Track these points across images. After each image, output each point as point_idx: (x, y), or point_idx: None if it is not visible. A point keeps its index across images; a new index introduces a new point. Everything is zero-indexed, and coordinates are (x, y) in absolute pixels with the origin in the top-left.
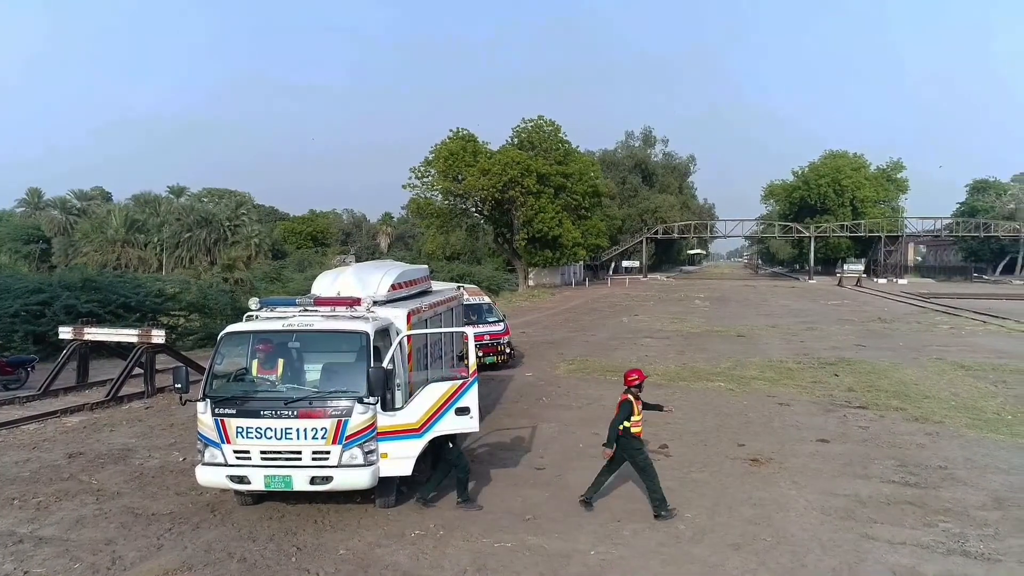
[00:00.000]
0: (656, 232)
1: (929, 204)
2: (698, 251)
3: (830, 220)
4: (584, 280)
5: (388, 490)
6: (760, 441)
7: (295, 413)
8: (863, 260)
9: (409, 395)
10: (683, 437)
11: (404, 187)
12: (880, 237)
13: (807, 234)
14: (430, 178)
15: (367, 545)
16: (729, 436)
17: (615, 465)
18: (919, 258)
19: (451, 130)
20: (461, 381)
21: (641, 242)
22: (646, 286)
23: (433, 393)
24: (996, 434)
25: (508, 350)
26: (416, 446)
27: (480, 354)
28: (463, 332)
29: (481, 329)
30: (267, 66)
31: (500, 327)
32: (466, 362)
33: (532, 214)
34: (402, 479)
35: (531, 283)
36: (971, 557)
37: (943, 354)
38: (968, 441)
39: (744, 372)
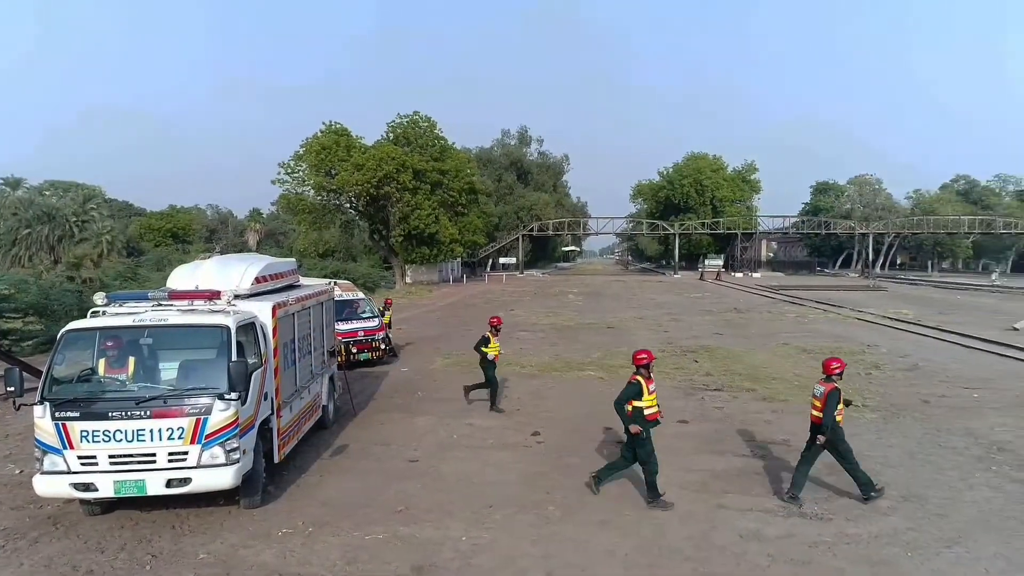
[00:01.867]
0: (532, 229)
1: (779, 203)
2: (572, 248)
3: (693, 218)
4: (462, 277)
5: (253, 489)
6: None
7: (148, 413)
8: (722, 256)
9: (276, 393)
10: (556, 424)
11: (274, 182)
12: (737, 234)
13: (672, 231)
14: (301, 173)
15: (230, 547)
16: (599, 422)
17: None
18: (771, 254)
19: (323, 123)
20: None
21: (517, 239)
22: (522, 282)
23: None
24: None
25: (384, 346)
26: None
27: (354, 350)
28: (334, 328)
29: (355, 325)
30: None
31: (375, 323)
32: (338, 358)
33: (408, 210)
34: (268, 477)
35: (408, 280)
36: (807, 518)
37: (789, 340)
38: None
39: (614, 361)
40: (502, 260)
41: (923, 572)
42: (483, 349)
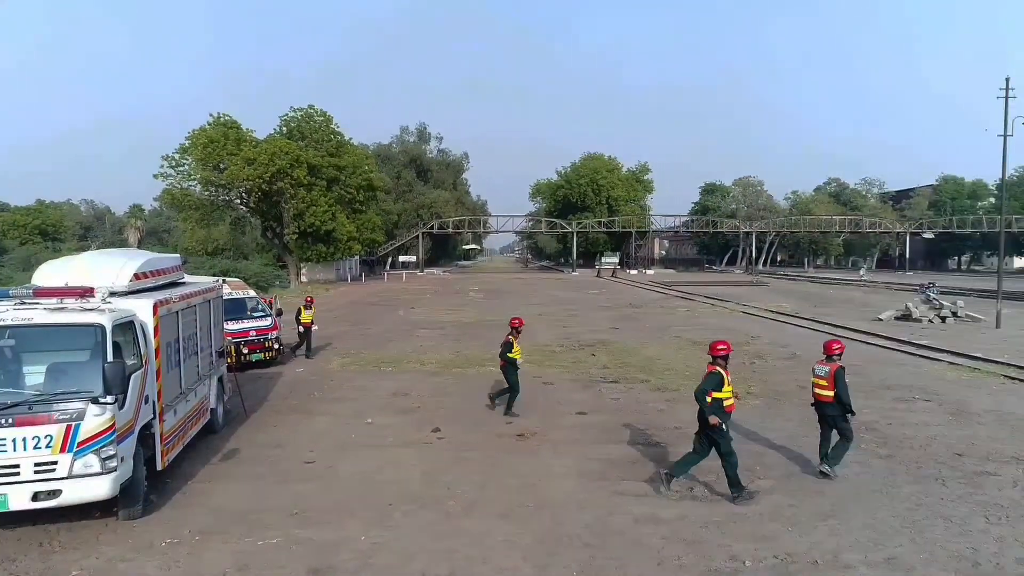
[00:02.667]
0: (432, 227)
1: (671, 203)
2: (473, 246)
3: (590, 217)
4: (360, 275)
5: (133, 499)
6: (527, 418)
7: (10, 421)
8: (618, 253)
9: (158, 396)
10: (456, 420)
11: (156, 176)
12: (631, 232)
13: (570, 229)
14: (187, 167)
15: (107, 562)
16: (499, 416)
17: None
18: (663, 252)
19: (211, 115)
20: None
21: (417, 237)
22: (423, 280)
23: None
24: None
25: (277, 346)
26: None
27: (246, 351)
28: (223, 327)
29: (246, 324)
30: None
31: (268, 322)
32: (227, 359)
33: (304, 207)
34: (151, 486)
35: (304, 279)
36: (698, 500)
37: (681, 333)
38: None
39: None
40: (402, 258)
41: (802, 544)
42: (509, 355)
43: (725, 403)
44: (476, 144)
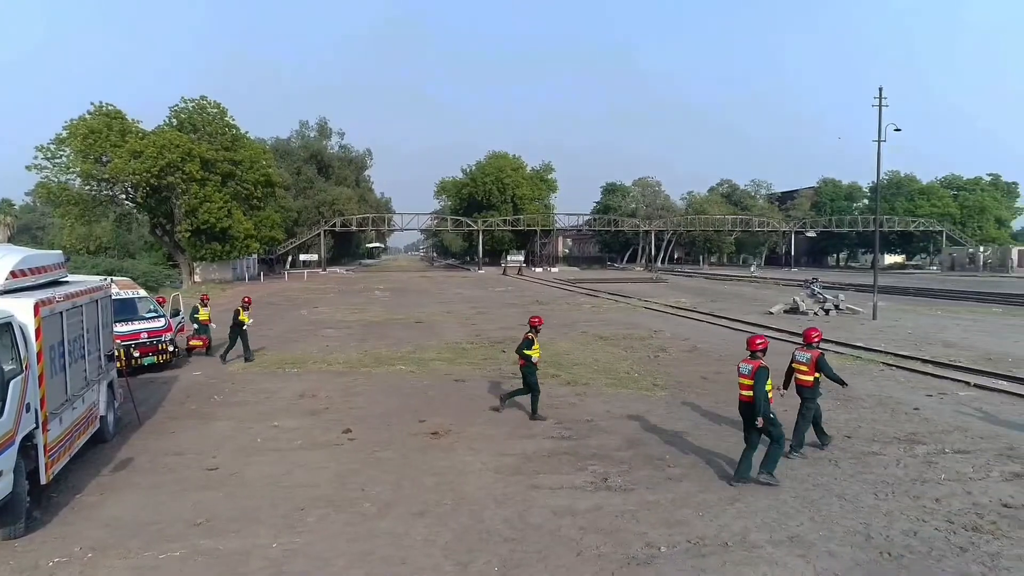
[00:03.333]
0: (334, 225)
1: (575, 202)
2: (377, 244)
3: (495, 215)
4: (259, 275)
5: (15, 516)
6: (440, 416)
7: None
8: (523, 251)
9: (40, 403)
10: (367, 420)
11: (29, 169)
12: (536, 231)
13: (476, 227)
14: (65, 159)
15: None
16: (411, 414)
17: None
18: (566, 250)
19: (92, 104)
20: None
21: (319, 235)
22: (325, 279)
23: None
24: (627, 389)
25: (172, 348)
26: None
27: (137, 354)
28: (112, 329)
29: (137, 326)
30: None
31: (161, 323)
32: (117, 363)
33: (196, 203)
34: (34, 501)
35: (198, 279)
36: (613, 490)
37: (588, 328)
38: (608, 397)
39: (424, 355)
40: (303, 257)
41: (712, 528)
42: (526, 352)
43: (770, 394)
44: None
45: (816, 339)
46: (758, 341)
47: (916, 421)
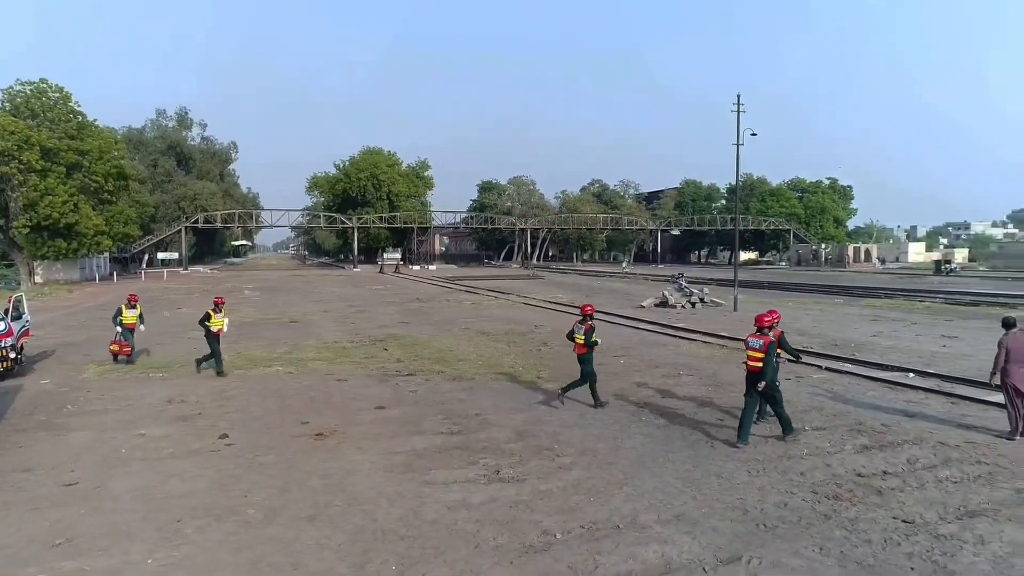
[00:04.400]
0: (196, 221)
1: (451, 200)
2: (243, 242)
3: (370, 212)
4: (112, 274)
5: None
6: (323, 416)
7: None
8: (400, 249)
9: None
10: (245, 424)
11: None
12: (413, 228)
13: (350, 224)
14: None
15: None
16: (293, 416)
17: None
18: (443, 248)
19: None
20: None
21: (180, 231)
22: (187, 279)
23: None
24: (513, 383)
25: (14, 355)
26: None
27: None
28: None
29: None
30: None
31: (0, 326)
32: None
33: (37, 196)
34: None
35: (39, 279)
36: (506, 481)
37: (470, 325)
38: (495, 391)
39: (302, 355)
40: (161, 255)
41: (603, 512)
42: (576, 338)
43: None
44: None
45: (768, 324)
46: (766, 319)
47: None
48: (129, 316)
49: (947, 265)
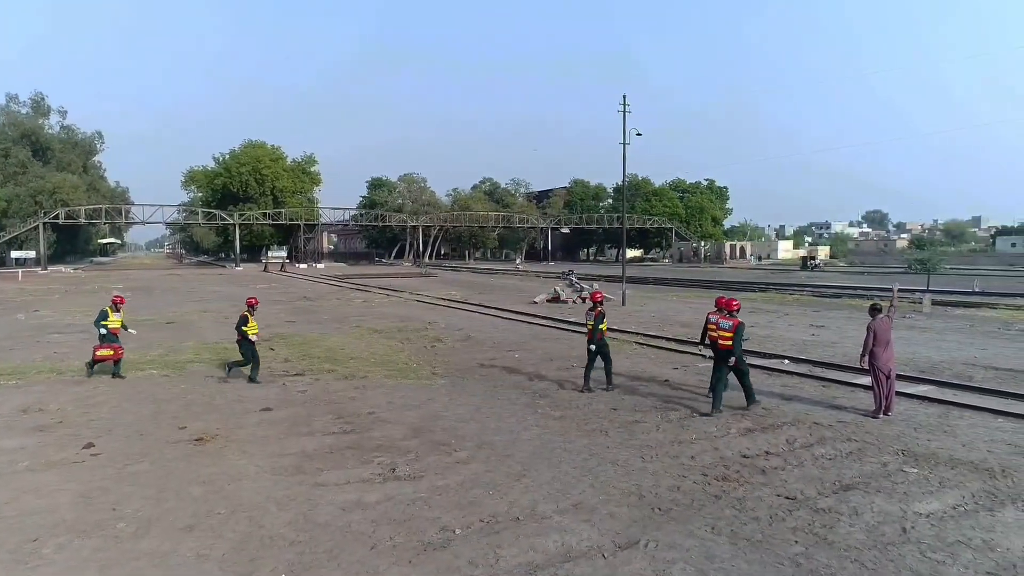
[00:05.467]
0: (56, 217)
1: (340, 197)
2: (112, 240)
3: (253, 208)
4: None
5: None
6: (204, 420)
7: None
8: (286, 247)
9: None
10: (114, 432)
11: None
12: (300, 225)
13: (231, 221)
14: None
15: None
16: (169, 421)
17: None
18: (332, 246)
19: None
20: None
21: (37, 228)
22: (47, 279)
23: None
24: (407, 380)
25: None
26: None
27: None
28: None
29: None
30: None
31: None
32: None
33: None
34: None
35: None
36: (402, 479)
37: (360, 322)
38: (388, 389)
39: (179, 357)
40: (16, 254)
41: (502, 504)
42: (601, 327)
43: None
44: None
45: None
46: (734, 303)
47: (668, 390)
48: (115, 320)
49: (812, 261)
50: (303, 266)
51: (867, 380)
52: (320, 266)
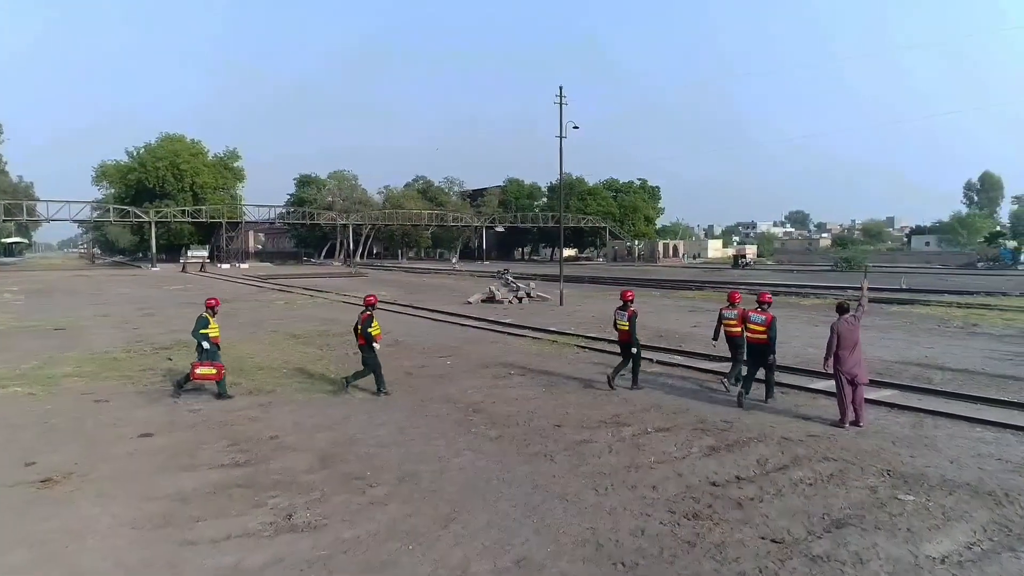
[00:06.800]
0: None
1: (267, 194)
2: (18, 240)
3: (171, 205)
4: None
5: None
6: (62, 452)
7: None
8: (207, 246)
9: None
10: None
11: None
12: (222, 223)
13: (147, 219)
14: None
15: None
16: (17, 454)
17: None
18: (259, 245)
19: None
20: None
21: None
22: None
23: None
24: (322, 394)
25: None
26: None
27: None
28: None
29: None
30: None
31: None
32: None
33: None
34: None
35: None
36: (299, 531)
37: (278, 327)
38: (299, 405)
39: (55, 370)
40: None
41: (425, 565)
42: (619, 324)
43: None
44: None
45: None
46: (768, 295)
47: (616, 402)
48: (215, 328)
49: (743, 260)
50: (225, 266)
51: (825, 384)
52: (244, 266)
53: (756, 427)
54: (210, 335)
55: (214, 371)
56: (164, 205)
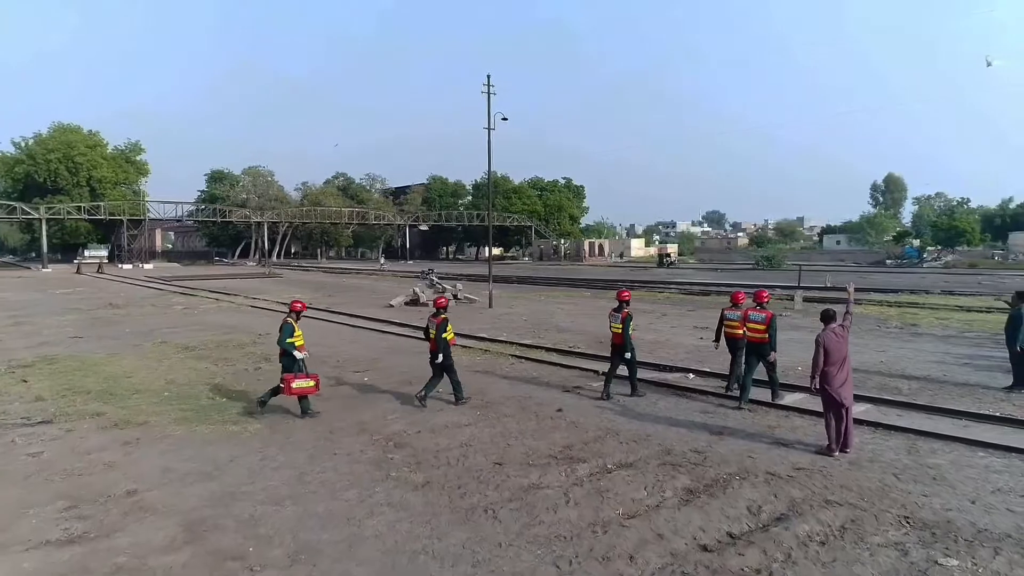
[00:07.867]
0: None
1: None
2: None
3: (65, 200)
4: None
5: None
6: None
7: None
8: (106, 245)
9: None
10: None
11: None
12: (123, 221)
13: (37, 216)
14: None
15: None
16: None
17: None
18: (168, 244)
19: None
20: None
21: None
22: None
23: None
24: (206, 425)
25: None
26: None
27: None
28: None
29: None
30: None
31: None
32: None
33: None
34: None
35: None
36: None
37: (171, 336)
38: (175, 442)
39: None
40: None
41: None
42: (612, 327)
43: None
44: None
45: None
46: (765, 295)
47: (564, 427)
48: (300, 336)
49: (668, 259)
50: (127, 267)
51: (793, 399)
52: (148, 266)
53: (733, 458)
54: (296, 343)
55: (312, 383)
56: (57, 201)
